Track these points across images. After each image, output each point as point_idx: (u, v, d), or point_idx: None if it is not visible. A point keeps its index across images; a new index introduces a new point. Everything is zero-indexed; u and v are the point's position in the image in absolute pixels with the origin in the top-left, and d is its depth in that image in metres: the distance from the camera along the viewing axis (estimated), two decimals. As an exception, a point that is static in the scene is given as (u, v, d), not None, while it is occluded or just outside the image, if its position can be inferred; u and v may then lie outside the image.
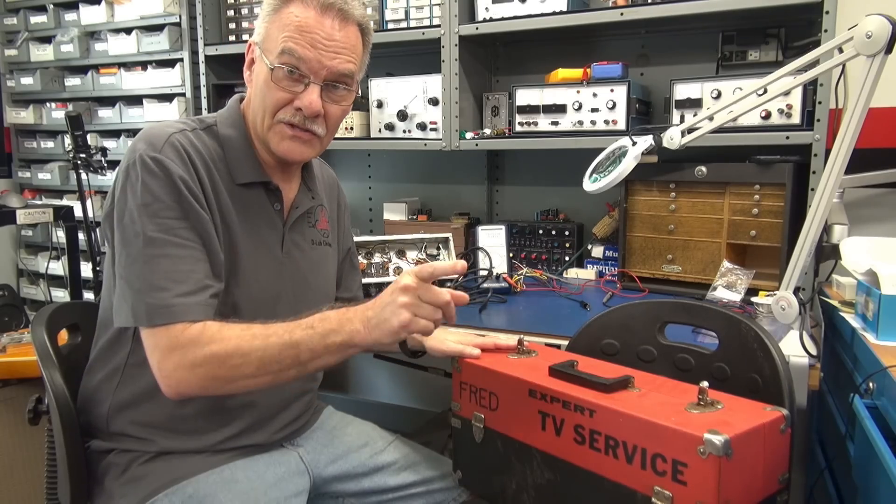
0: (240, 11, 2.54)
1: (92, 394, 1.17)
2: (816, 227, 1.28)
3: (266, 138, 1.14)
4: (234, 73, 2.64)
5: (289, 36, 1.07)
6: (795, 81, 1.40)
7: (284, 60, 1.07)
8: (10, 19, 3.19)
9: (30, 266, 3.25)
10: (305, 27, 1.07)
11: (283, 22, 1.08)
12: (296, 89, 1.09)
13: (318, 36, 1.08)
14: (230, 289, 1.10)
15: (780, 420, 0.88)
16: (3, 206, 2.42)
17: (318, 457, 1.25)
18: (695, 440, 0.80)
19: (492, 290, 1.83)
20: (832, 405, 1.39)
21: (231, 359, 0.98)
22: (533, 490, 1.02)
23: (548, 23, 1.97)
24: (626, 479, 0.88)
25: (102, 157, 2.47)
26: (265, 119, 1.12)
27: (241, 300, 1.11)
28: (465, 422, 1.12)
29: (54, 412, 1.11)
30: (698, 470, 0.80)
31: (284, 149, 1.13)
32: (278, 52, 1.07)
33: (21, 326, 2.31)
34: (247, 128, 1.17)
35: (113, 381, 1.14)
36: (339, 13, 1.09)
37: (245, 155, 1.15)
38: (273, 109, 1.11)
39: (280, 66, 1.08)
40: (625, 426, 0.88)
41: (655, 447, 0.85)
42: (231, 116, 1.18)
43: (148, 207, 1.02)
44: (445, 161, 2.44)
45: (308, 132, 1.13)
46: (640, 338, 1.21)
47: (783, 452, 0.90)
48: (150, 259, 1.01)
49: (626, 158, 1.61)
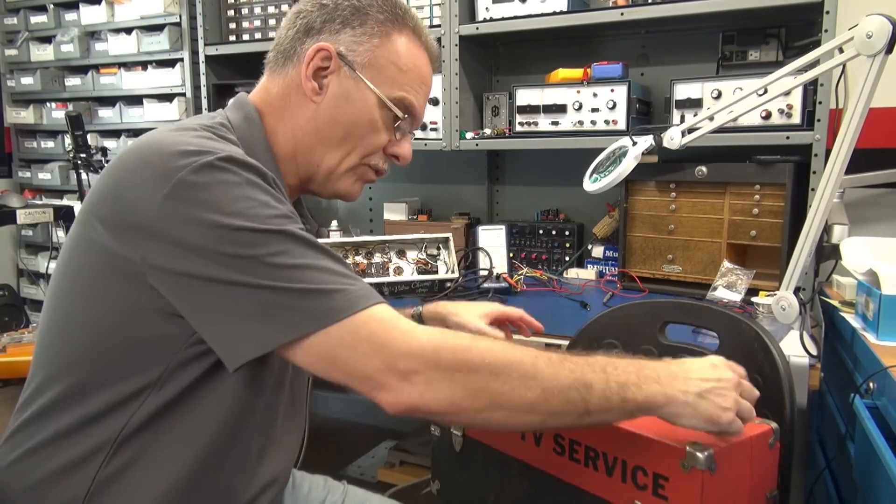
0: (240, 11, 2.54)
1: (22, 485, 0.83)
2: (817, 227, 1.28)
3: (336, 174, 0.96)
4: (235, 73, 2.64)
5: (410, 85, 0.95)
6: (796, 81, 1.40)
7: (403, 109, 0.94)
8: (10, 19, 3.19)
9: (30, 266, 3.25)
10: (425, 79, 0.97)
11: (398, 57, 0.94)
12: (394, 136, 0.97)
13: (428, 90, 0.99)
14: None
15: (769, 434, 0.85)
16: (4, 206, 2.42)
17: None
18: (677, 453, 0.77)
19: (492, 290, 1.83)
20: (832, 405, 1.39)
21: (508, 373, 0.74)
22: (512, 502, 0.99)
23: (548, 23, 1.97)
24: (606, 492, 0.85)
25: (102, 156, 2.48)
26: (350, 156, 0.95)
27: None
28: (445, 430, 1.10)
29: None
30: (680, 484, 0.77)
31: (353, 191, 0.99)
32: (396, 97, 0.94)
33: (21, 326, 2.31)
34: (267, 141, 0.94)
35: (87, 466, 0.81)
36: (436, 64, 1.01)
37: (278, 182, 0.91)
38: (368, 151, 0.95)
39: (396, 110, 0.94)
40: (605, 437, 0.85)
41: (636, 459, 0.82)
42: (254, 133, 0.93)
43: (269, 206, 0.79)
44: (446, 161, 2.44)
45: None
46: (640, 337, 1.21)
47: (771, 468, 0.87)
48: (302, 247, 0.78)
49: (627, 158, 1.61)
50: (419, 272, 1.93)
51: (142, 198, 0.76)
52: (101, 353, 0.82)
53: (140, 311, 0.79)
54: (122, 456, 0.82)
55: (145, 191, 0.76)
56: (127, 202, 0.78)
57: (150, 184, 0.76)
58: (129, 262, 0.78)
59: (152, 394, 0.81)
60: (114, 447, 0.81)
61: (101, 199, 0.81)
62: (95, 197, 0.83)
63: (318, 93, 0.92)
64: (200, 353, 0.81)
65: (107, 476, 0.81)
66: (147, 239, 0.76)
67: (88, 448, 0.81)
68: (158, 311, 0.79)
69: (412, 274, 1.92)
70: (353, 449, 2.63)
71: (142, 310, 0.79)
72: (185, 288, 0.76)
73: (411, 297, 1.84)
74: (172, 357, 0.81)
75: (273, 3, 2.46)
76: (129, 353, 0.81)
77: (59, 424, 0.82)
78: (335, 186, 0.98)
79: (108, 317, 0.81)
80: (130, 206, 0.77)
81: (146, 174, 0.77)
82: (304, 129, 0.94)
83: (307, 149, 0.95)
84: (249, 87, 1.01)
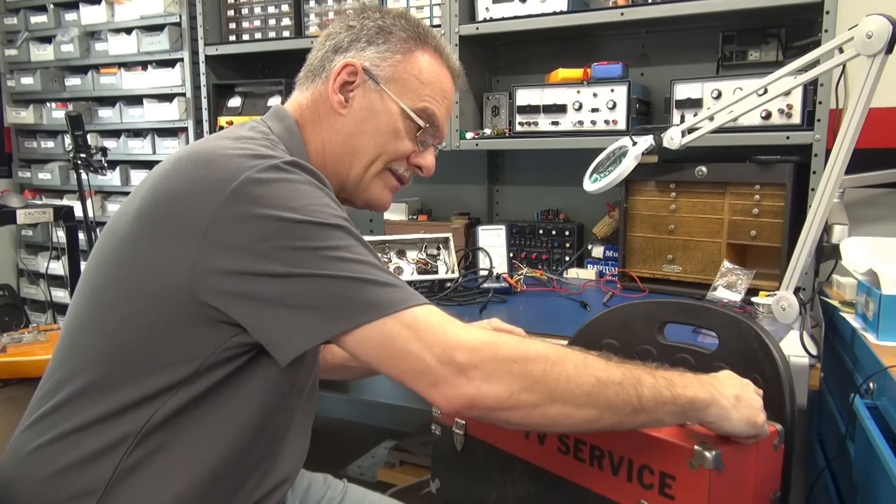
0: (240, 11, 2.54)
1: (36, 475, 0.83)
2: (817, 227, 1.28)
3: (364, 181, 1.00)
4: (235, 73, 2.64)
5: (431, 97, 1.00)
6: (796, 81, 1.40)
7: (425, 119, 0.99)
8: (10, 19, 3.19)
9: (30, 266, 3.25)
10: (446, 93, 1.01)
11: (420, 71, 0.99)
12: (417, 147, 1.01)
13: (450, 104, 1.03)
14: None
15: (774, 435, 0.85)
16: (3, 206, 2.42)
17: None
18: (685, 452, 0.77)
19: (492, 290, 1.82)
20: (832, 405, 1.39)
21: (564, 362, 0.75)
22: (514, 502, 0.99)
23: (548, 23, 1.97)
24: (612, 491, 0.85)
25: (102, 156, 2.47)
26: (375, 163, 0.99)
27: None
28: (446, 428, 1.09)
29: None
30: (687, 484, 0.77)
31: (383, 199, 1.03)
32: (418, 107, 0.98)
33: (21, 326, 2.31)
34: (307, 154, 0.98)
35: (109, 457, 0.81)
36: (458, 81, 1.05)
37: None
38: (392, 158, 1.00)
39: (418, 120, 0.98)
40: (611, 436, 0.85)
41: (643, 458, 0.82)
42: (295, 144, 0.96)
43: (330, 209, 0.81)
44: (446, 161, 2.43)
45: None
46: (639, 337, 1.21)
47: (776, 469, 0.87)
48: (361, 245, 0.80)
49: (627, 158, 1.61)
50: (419, 272, 1.93)
51: (204, 200, 0.77)
52: (134, 349, 0.82)
53: (182, 313, 0.80)
54: (143, 449, 0.81)
55: (210, 192, 0.77)
56: (186, 206, 0.78)
57: (215, 185, 0.77)
58: (177, 265, 0.78)
59: (181, 390, 0.81)
60: (136, 441, 0.81)
61: (157, 203, 0.81)
62: (149, 201, 0.82)
63: (345, 105, 0.97)
64: (234, 356, 0.82)
65: (126, 468, 0.81)
66: (202, 242, 0.77)
67: (110, 440, 0.81)
68: (201, 315, 0.79)
69: (412, 274, 1.92)
70: (353, 449, 2.63)
71: (184, 313, 0.79)
72: (238, 286, 0.77)
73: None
74: (206, 358, 0.81)
75: (273, 3, 2.46)
76: (164, 351, 0.81)
77: (83, 416, 0.82)
78: (365, 195, 1.02)
79: (148, 316, 0.81)
80: (189, 211, 0.78)
81: (212, 176, 0.78)
82: (332, 140, 0.98)
83: (336, 158, 0.99)
84: (250, 88, 1.02)
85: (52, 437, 0.83)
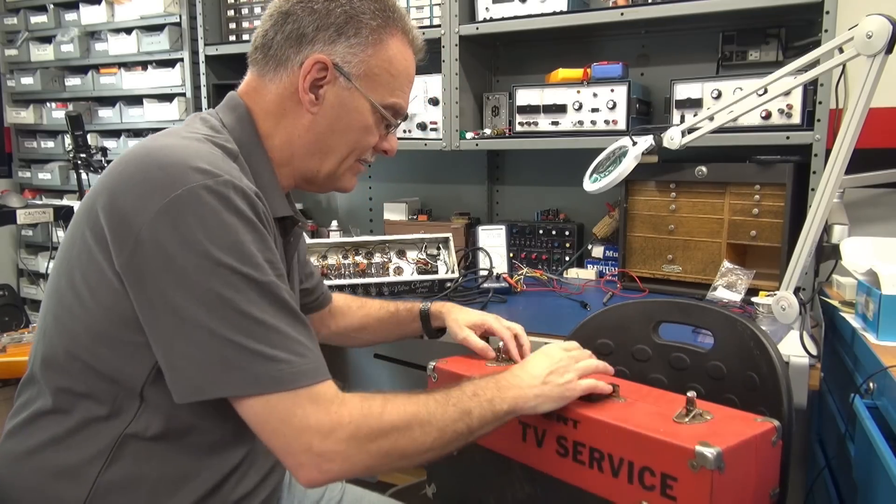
0: (240, 11, 2.54)
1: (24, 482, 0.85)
2: (817, 227, 1.28)
3: (336, 174, 1.01)
4: (235, 73, 2.63)
5: (401, 89, 1.00)
6: (796, 81, 1.40)
7: (394, 114, 1.00)
8: (10, 19, 3.19)
9: (30, 266, 3.25)
10: (411, 79, 1.02)
11: (390, 62, 0.97)
12: (383, 133, 1.02)
13: (412, 84, 1.03)
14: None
15: (772, 431, 0.85)
16: (3, 206, 2.42)
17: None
18: (686, 453, 0.77)
19: (492, 290, 1.82)
20: (832, 405, 1.38)
21: (412, 429, 0.83)
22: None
23: (548, 23, 1.97)
24: (612, 493, 0.85)
25: (102, 156, 2.48)
26: (347, 159, 0.99)
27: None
28: None
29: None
30: (689, 484, 0.77)
31: (352, 184, 1.04)
32: (387, 103, 0.98)
33: (21, 326, 2.31)
34: (261, 145, 0.96)
35: (92, 465, 0.84)
36: (420, 55, 1.04)
37: (275, 185, 0.96)
38: (363, 152, 1.01)
39: (388, 116, 0.99)
40: (610, 438, 0.85)
41: (643, 460, 0.81)
42: (247, 135, 0.95)
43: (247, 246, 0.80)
44: (446, 161, 2.44)
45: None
46: (634, 337, 1.21)
47: (774, 466, 0.87)
48: (271, 305, 0.79)
49: (627, 158, 1.61)
50: (419, 272, 1.93)
51: (135, 207, 0.78)
52: (100, 353, 0.83)
53: (126, 316, 0.81)
54: (118, 466, 0.84)
55: (140, 200, 0.78)
56: (119, 209, 0.79)
57: (147, 195, 0.77)
58: (111, 266, 0.79)
59: (142, 405, 0.84)
60: (110, 457, 0.84)
61: (96, 202, 0.82)
62: (91, 199, 0.83)
63: (315, 104, 0.95)
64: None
65: (104, 485, 0.84)
66: (131, 248, 0.77)
67: (91, 449, 0.84)
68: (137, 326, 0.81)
69: (412, 274, 1.92)
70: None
71: (127, 317, 0.81)
72: (149, 307, 0.78)
73: (411, 297, 1.83)
74: (151, 370, 0.83)
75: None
76: (126, 355, 0.82)
77: (63, 424, 0.85)
78: (336, 184, 1.04)
79: (102, 319, 0.82)
80: (121, 214, 0.78)
81: (145, 185, 0.78)
82: (301, 137, 0.96)
83: (305, 155, 0.98)
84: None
85: (33, 444, 0.86)
